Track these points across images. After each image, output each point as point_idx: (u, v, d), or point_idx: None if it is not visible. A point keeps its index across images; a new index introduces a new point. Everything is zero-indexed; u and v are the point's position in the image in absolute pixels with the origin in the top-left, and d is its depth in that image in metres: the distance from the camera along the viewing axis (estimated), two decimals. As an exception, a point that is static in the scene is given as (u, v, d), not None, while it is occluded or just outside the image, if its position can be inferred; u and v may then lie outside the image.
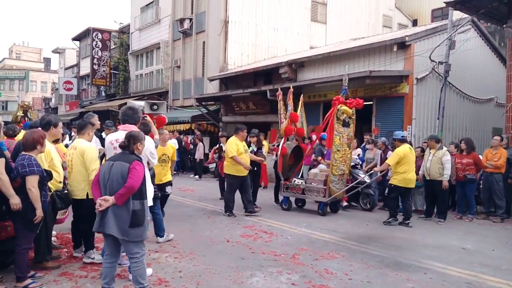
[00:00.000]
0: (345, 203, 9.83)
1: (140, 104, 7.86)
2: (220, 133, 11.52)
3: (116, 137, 4.67)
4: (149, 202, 4.71)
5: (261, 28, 19.68)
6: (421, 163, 9.08)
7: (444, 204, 8.82)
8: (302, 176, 9.93)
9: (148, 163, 4.85)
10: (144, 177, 4.03)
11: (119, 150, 4.21)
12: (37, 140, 4.42)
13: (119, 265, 5.05)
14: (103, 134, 8.53)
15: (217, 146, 11.76)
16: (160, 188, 7.00)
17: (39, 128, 4.88)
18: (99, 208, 3.91)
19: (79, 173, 5.12)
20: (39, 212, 4.28)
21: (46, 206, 4.51)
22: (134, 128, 4.67)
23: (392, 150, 9.08)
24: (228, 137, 10.51)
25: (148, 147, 4.67)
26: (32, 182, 4.25)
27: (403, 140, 8.38)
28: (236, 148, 8.50)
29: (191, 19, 20.82)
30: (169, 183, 7.26)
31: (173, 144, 8.27)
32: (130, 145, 4.10)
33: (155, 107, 8.01)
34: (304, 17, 20.80)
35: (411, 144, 10.21)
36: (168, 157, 7.15)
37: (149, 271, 4.95)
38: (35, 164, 4.30)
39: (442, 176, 8.55)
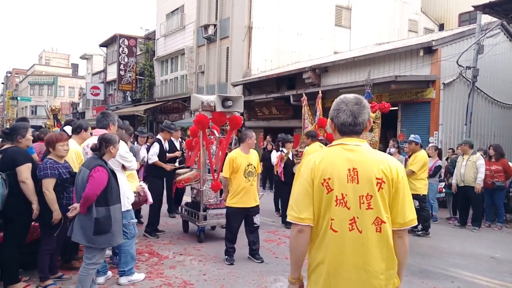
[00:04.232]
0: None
1: (210, 99, 6.65)
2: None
3: (88, 142, 4.64)
4: (127, 206, 4.67)
5: (284, 34, 19.70)
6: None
7: (479, 211, 8.63)
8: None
9: (125, 167, 4.76)
10: (109, 183, 3.91)
11: (91, 155, 4.11)
12: (47, 143, 4.48)
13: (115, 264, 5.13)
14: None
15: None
16: (246, 218, 5.76)
17: (54, 131, 4.96)
18: (69, 215, 3.93)
19: None
20: (56, 215, 4.32)
21: (65, 209, 4.43)
22: (104, 132, 4.62)
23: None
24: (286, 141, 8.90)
25: (119, 151, 4.46)
26: (46, 185, 4.29)
27: (421, 145, 8.20)
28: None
29: (215, 25, 21.03)
30: (257, 210, 5.79)
31: (255, 152, 6.02)
32: (101, 148, 4.03)
33: (228, 103, 6.58)
34: (328, 22, 20.73)
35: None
36: (255, 168, 5.73)
37: (141, 276, 4.95)
38: (49, 167, 4.31)
39: (476, 181, 8.40)
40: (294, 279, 2.18)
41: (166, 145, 7.68)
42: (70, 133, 5.35)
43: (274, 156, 9.48)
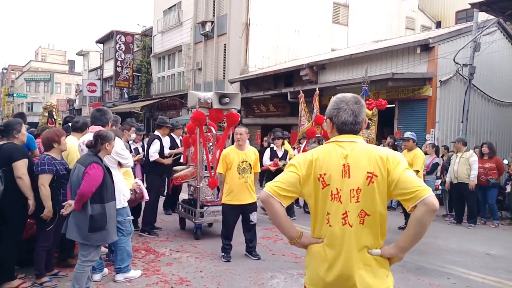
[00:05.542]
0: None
1: (207, 96, 6.70)
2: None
3: (84, 139, 4.58)
4: (123, 203, 4.65)
5: (282, 31, 19.69)
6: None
7: (473, 208, 8.66)
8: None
9: (121, 164, 4.73)
10: (104, 180, 3.90)
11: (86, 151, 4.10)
12: (52, 139, 4.45)
13: (112, 262, 5.12)
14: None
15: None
16: (243, 215, 5.76)
17: (54, 127, 4.95)
18: (63, 212, 3.90)
19: None
20: (47, 211, 4.31)
21: (61, 205, 4.37)
22: (99, 129, 4.55)
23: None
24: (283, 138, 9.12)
25: (115, 148, 4.41)
26: (42, 180, 4.29)
27: (417, 143, 8.22)
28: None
29: (212, 22, 20.99)
30: (254, 207, 5.74)
31: (255, 150, 6.04)
32: (97, 145, 4.00)
33: (225, 99, 6.60)
34: (325, 19, 20.73)
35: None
36: (250, 165, 5.67)
37: (137, 273, 4.95)
38: (47, 163, 4.31)
39: (469, 178, 8.42)
40: (290, 239, 2.24)
41: (164, 142, 7.62)
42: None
43: (267, 155, 8.98)
